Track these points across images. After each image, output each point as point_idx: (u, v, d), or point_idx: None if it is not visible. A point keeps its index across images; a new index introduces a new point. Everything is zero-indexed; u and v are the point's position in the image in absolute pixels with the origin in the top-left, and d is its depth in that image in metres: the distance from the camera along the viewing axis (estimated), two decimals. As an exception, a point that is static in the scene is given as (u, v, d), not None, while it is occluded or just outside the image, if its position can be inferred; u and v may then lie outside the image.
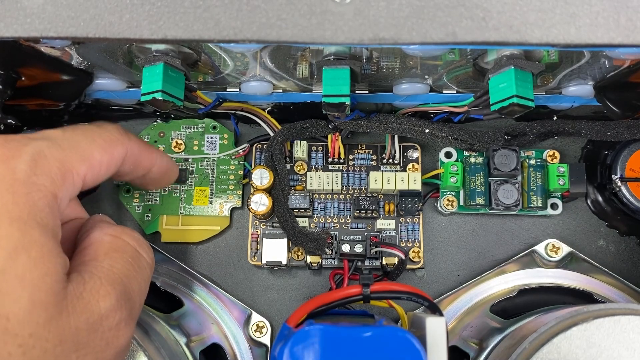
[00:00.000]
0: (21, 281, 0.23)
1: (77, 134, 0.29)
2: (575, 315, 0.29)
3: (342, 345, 0.26)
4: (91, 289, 0.25)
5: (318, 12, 0.25)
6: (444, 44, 0.25)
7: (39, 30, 0.26)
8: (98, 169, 0.29)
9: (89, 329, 0.25)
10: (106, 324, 0.25)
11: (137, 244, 0.30)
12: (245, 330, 0.39)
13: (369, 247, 0.38)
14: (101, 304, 0.25)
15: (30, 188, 0.25)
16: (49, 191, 0.26)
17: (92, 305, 0.25)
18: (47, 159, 0.26)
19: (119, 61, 0.33)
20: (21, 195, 0.24)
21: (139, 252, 0.30)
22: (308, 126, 0.40)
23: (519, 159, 0.38)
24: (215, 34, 0.25)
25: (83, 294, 0.25)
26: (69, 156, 0.28)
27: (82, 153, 0.28)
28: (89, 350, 0.25)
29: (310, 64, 0.33)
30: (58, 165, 0.27)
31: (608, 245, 0.41)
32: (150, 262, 0.31)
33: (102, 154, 0.30)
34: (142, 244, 0.30)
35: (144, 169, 0.34)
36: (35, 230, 0.24)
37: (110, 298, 0.26)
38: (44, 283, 0.24)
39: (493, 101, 0.30)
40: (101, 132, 0.30)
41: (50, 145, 0.27)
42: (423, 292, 0.30)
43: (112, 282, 0.26)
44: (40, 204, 0.25)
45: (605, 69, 0.32)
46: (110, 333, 0.26)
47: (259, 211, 0.38)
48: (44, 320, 0.23)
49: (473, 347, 0.37)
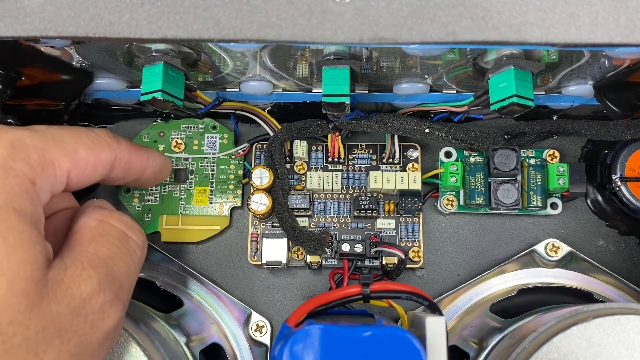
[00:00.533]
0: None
1: (62, 130, 0.29)
2: (575, 314, 0.29)
3: (341, 345, 0.26)
4: (72, 274, 0.25)
5: (318, 12, 0.25)
6: (443, 43, 0.25)
7: (38, 30, 0.26)
8: (83, 167, 0.29)
9: (72, 313, 0.25)
10: (89, 307, 0.25)
11: (125, 226, 0.30)
12: (245, 329, 0.39)
13: (368, 246, 0.38)
14: (82, 288, 0.25)
15: (7, 173, 0.25)
16: (27, 178, 0.26)
17: (74, 289, 0.25)
18: (27, 146, 0.26)
19: (119, 61, 0.33)
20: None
21: (126, 234, 0.30)
22: (308, 126, 0.40)
23: (518, 159, 0.38)
24: (215, 33, 0.25)
25: (64, 279, 0.25)
26: (50, 147, 0.27)
27: (66, 147, 0.28)
28: (72, 334, 0.25)
29: (310, 64, 0.33)
30: (38, 154, 0.27)
31: (608, 245, 0.41)
32: (140, 244, 0.30)
33: (87, 153, 0.29)
34: (130, 226, 0.30)
35: (136, 173, 0.34)
36: (12, 217, 0.24)
37: (92, 281, 0.26)
38: (23, 270, 0.23)
39: (493, 101, 0.30)
40: (88, 132, 0.30)
41: (32, 135, 0.27)
42: (423, 292, 0.30)
43: (95, 265, 0.26)
44: (18, 190, 0.25)
45: (605, 68, 0.32)
46: (95, 316, 0.26)
47: (259, 211, 0.38)
48: (24, 307, 0.23)
49: (473, 346, 0.37)
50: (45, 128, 0.29)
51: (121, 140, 0.32)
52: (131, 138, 0.42)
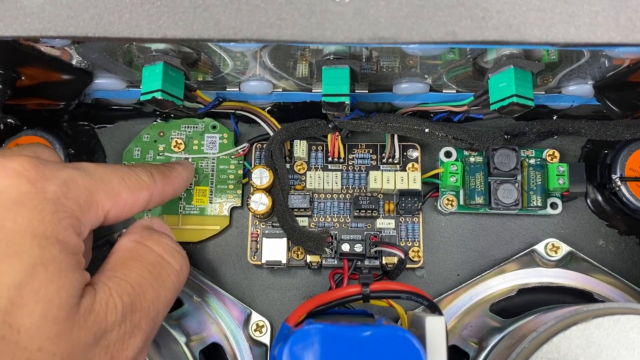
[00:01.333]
0: (36, 295, 0.23)
1: (109, 171, 0.30)
2: (574, 314, 0.29)
3: (341, 345, 0.26)
4: (100, 301, 0.25)
5: (318, 12, 0.25)
6: (443, 43, 0.25)
7: (38, 30, 0.26)
8: (122, 207, 0.30)
9: (95, 342, 0.25)
10: (110, 337, 0.25)
11: (163, 249, 0.30)
12: (245, 329, 0.39)
13: (368, 246, 0.38)
14: (109, 318, 0.25)
15: (57, 208, 0.26)
16: (75, 215, 0.26)
17: (101, 318, 0.25)
18: (78, 187, 0.27)
19: (119, 61, 0.33)
20: (47, 213, 0.25)
21: (163, 258, 0.30)
22: (308, 126, 0.40)
23: (518, 159, 0.38)
24: (214, 33, 0.25)
25: (94, 306, 0.25)
26: (98, 188, 0.28)
27: (111, 190, 0.29)
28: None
29: (310, 64, 0.33)
30: (87, 194, 0.28)
31: (608, 245, 0.41)
32: (177, 269, 0.30)
33: (128, 195, 0.30)
34: (169, 249, 0.30)
35: (167, 198, 0.34)
36: (56, 247, 0.25)
37: (117, 311, 0.26)
38: (58, 297, 0.24)
39: (493, 100, 0.30)
40: (131, 174, 0.31)
41: (83, 175, 0.28)
42: (423, 292, 0.30)
43: (121, 293, 0.26)
44: (64, 224, 0.26)
45: (604, 68, 0.32)
46: (115, 347, 0.26)
47: (259, 211, 0.38)
48: (54, 334, 0.23)
49: (473, 346, 0.37)
50: (94, 168, 0.29)
51: (157, 177, 0.33)
52: (131, 138, 0.42)
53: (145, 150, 0.42)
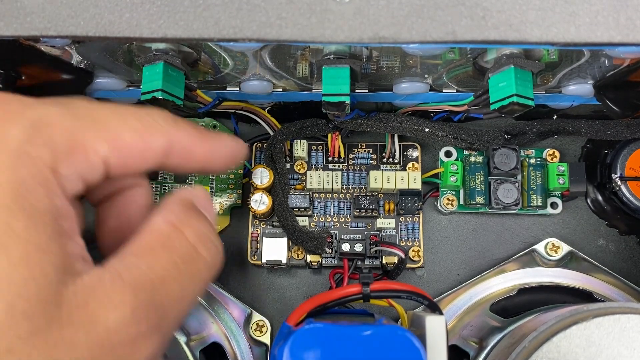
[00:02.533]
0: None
1: (104, 109, 0.23)
2: (575, 314, 0.29)
3: (342, 344, 0.26)
4: (103, 295, 0.20)
5: (318, 11, 0.25)
6: (443, 42, 0.25)
7: (38, 29, 0.26)
8: (127, 154, 0.23)
9: (91, 344, 0.20)
10: (117, 339, 0.20)
11: (199, 240, 0.24)
12: (245, 329, 0.39)
13: (368, 246, 0.38)
14: (110, 316, 0.20)
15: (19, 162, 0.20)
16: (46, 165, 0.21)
17: (98, 316, 0.20)
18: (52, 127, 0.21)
19: (119, 60, 0.33)
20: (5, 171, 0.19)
21: (197, 251, 0.24)
22: (308, 125, 0.40)
23: (518, 158, 0.38)
24: (215, 32, 0.25)
25: (88, 300, 0.20)
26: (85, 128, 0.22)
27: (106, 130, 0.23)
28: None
29: (310, 63, 0.33)
30: (67, 137, 0.21)
31: (608, 245, 0.41)
32: (211, 264, 0.24)
33: (134, 139, 0.23)
34: (205, 239, 0.24)
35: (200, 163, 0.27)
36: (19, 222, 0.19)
37: (124, 309, 0.21)
38: (25, 289, 0.19)
39: (493, 100, 0.30)
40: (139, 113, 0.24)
41: (63, 113, 0.22)
42: (423, 291, 0.30)
43: (136, 287, 0.21)
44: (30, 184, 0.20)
45: (604, 68, 0.32)
46: (123, 350, 0.21)
47: (259, 210, 0.38)
48: (26, 333, 0.19)
49: (473, 346, 0.37)
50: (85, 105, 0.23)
51: (180, 124, 0.25)
52: (131, 138, 0.42)
53: (146, 150, 0.42)
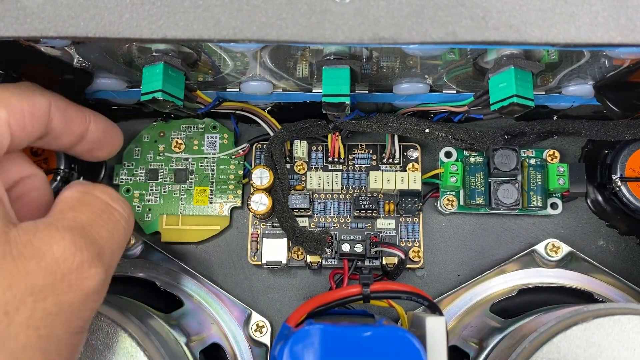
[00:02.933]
0: None
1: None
2: (575, 314, 0.29)
3: (342, 345, 0.26)
4: (42, 236, 0.25)
5: (318, 12, 0.25)
6: (443, 43, 0.25)
7: (38, 30, 0.26)
8: (21, 115, 0.29)
9: (44, 272, 0.24)
10: (65, 266, 0.25)
11: (110, 198, 0.30)
12: (245, 330, 0.39)
13: (368, 246, 0.38)
14: (55, 248, 0.25)
15: None
16: None
17: (44, 249, 0.25)
18: None
19: (119, 61, 0.33)
20: None
21: (110, 204, 0.29)
22: (308, 126, 0.40)
23: (518, 159, 0.38)
24: (215, 33, 0.25)
25: (32, 240, 0.25)
26: None
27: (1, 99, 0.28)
28: (48, 293, 0.24)
29: (310, 64, 0.33)
30: None
31: (608, 245, 0.41)
32: (126, 216, 0.30)
33: (21, 101, 0.29)
34: (114, 197, 0.30)
35: (78, 126, 0.33)
36: None
37: (65, 241, 0.25)
38: None
39: (493, 101, 0.30)
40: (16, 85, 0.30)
41: None
42: (423, 292, 0.30)
43: (70, 228, 0.26)
44: None
45: (605, 68, 0.32)
46: (72, 275, 0.25)
47: (259, 211, 0.38)
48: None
49: (473, 346, 0.37)
50: None
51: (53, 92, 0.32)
52: (131, 138, 0.42)
53: (146, 150, 0.42)
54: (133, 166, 0.41)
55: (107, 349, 0.30)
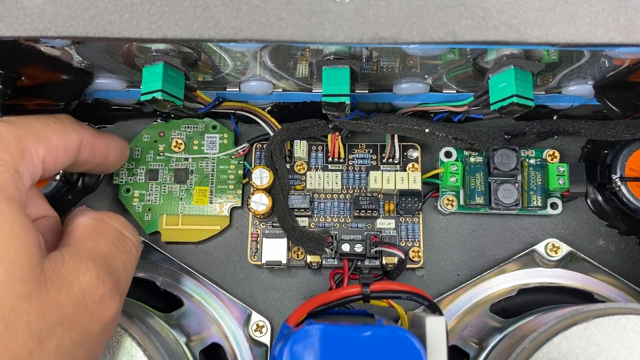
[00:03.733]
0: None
1: (31, 119, 0.30)
2: (575, 314, 0.30)
3: (342, 345, 0.26)
4: (70, 266, 0.26)
5: (318, 12, 0.25)
6: (443, 43, 0.25)
7: (38, 30, 0.26)
8: (56, 152, 0.30)
9: (72, 302, 0.25)
10: (89, 297, 0.26)
11: (122, 226, 0.31)
12: (245, 329, 0.39)
13: (368, 246, 0.38)
14: (81, 279, 0.26)
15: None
16: (10, 165, 0.26)
17: (72, 280, 0.26)
18: (4, 136, 0.27)
19: (119, 61, 0.33)
20: None
21: (123, 233, 0.31)
22: (308, 126, 0.40)
23: (518, 159, 0.38)
24: (215, 33, 0.25)
25: (62, 270, 0.26)
26: (25, 135, 0.28)
27: (38, 134, 0.29)
28: (74, 323, 0.25)
29: (310, 64, 0.33)
30: (15, 142, 0.28)
31: (608, 245, 0.41)
32: (136, 243, 0.32)
33: (58, 138, 0.30)
34: (126, 226, 0.32)
35: (100, 156, 0.35)
36: (4, 206, 0.24)
37: (90, 273, 0.26)
38: (19, 258, 0.24)
39: (493, 101, 0.30)
40: (54, 119, 0.31)
41: (6, 126, 0.28)
42: (423, 292, 0.30)
43: (93, 259, 0.27)
44: (3, 179, 0.25)
45: (605, 68, 0.32)
46: (95, 307, 0.26)
47: (259, 211, 0.38)
48: (23, 294, 0.23)
49: (473, 346, 0.37)
50: (15, 118, 0.29)
51: (84, 125, 0.33)
52: (131, 138, 0.42)
53: (146, 150, 0.42)
54: (133, 166, 0.41)
55: (107, 348, 0.30)
